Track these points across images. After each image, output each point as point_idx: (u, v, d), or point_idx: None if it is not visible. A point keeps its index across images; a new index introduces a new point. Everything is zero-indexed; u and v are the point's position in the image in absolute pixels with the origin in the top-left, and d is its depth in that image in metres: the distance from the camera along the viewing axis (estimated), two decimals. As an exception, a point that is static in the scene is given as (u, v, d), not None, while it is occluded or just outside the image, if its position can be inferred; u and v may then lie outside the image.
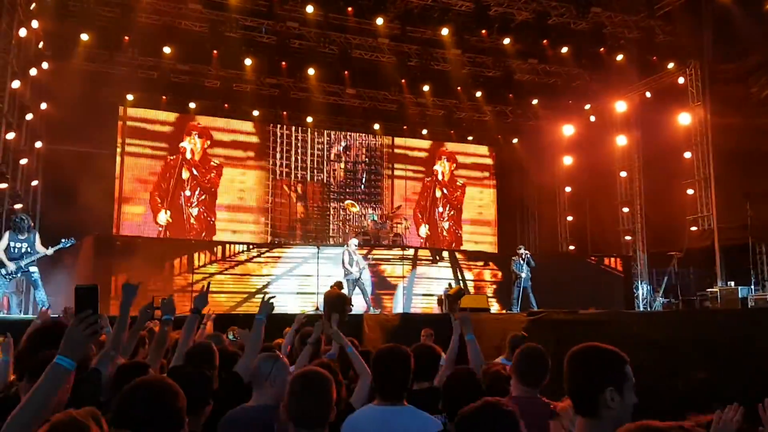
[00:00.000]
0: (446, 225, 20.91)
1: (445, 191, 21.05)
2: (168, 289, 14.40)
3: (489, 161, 21.68)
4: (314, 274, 15.18)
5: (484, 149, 21.61)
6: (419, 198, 20.76)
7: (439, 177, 21.05)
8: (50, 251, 9.67)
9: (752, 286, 13.88)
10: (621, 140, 18.20)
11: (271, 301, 4.06)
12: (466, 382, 3.51)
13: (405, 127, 20.08)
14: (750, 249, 14.41)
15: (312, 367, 2.98)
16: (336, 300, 10.62)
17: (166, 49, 15.03)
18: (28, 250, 9.55)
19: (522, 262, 13.58)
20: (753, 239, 14.33)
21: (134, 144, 17.59)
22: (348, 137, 19.99)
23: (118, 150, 17.25)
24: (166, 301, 4.30)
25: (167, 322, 4.12)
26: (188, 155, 18.15)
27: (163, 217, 17.59)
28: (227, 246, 15.77)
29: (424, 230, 20.49)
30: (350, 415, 3.20)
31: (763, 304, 12.63)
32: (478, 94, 18.25)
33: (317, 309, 13.34)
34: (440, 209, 20.92)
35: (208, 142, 18.43)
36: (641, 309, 16.83)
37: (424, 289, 16.32)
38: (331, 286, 11.42)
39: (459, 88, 18.02)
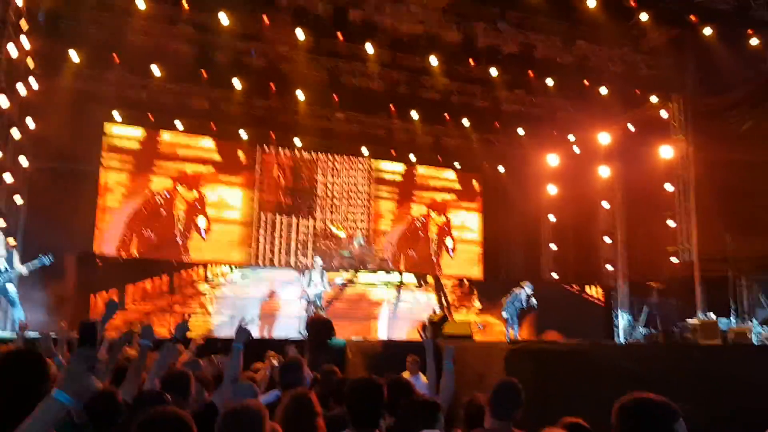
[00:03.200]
0: (431, 250, 20.93)
1: (426, 217, 21.12)
2: (148, 309, 14.30)
3: (476, 188, 21.81)
4: (297, 298, 15.13)
5: (470, 176, 21.75)
6: (402, 225, 20.80)
7: (423, 201, 21.09)
8: (25, 270, 9.57)
9: (732, 318, 14.02)
10: (604, 171, 18.45)
11: (248, 326, 4.02)
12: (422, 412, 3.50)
13: (393, 151, 20.21)
14: (730, 281, 14.58)
15: (244, 403, 2.88)
16: (321, 325, 10.57)
17: (155, 69, 15.08)
18: (6, 268, 9.45)
19: (523, 299, 13.51)
20: (733, 272, 14.51)
21: (119, 163, 17.50)
22: (336, 160, 20.05)
23: (103, 169, 17.15)
24: (146, 327, 4.29)
25: (146, 347, 4.10)
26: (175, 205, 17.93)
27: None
28: (209, 266, 15.69)
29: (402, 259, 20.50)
30: None
31: (742, 336, 12.75)
32: (466, 122, 18.44)
33: (300, 333, 13.29)
34: (425, 235, 20.95)
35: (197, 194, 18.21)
36: (621, 339, 16.92)
37: (409, 314, 16.32)
38: (314, 311, 11.39)
39: (447, 115, 18.21)
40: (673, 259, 15.96)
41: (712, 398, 5.10)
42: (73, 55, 14.09)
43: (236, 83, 15.82)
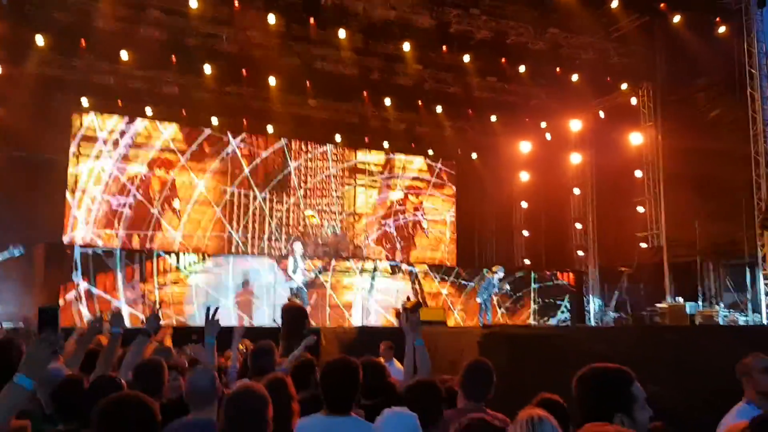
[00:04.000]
0: (401, 235, 20.99)
1: (403, 203, 21.14)
2: (119, 298, 14.13)
3: (449, 176, 21.88)
4: (272, 285, 15.06)
5: (444, 163, 21.81)
6: (377, 209, 20.81)
7: (398, 188, 21.12)
8: None
9: (699, 302, 14.32)
10: (575, 158, 18.66)
11: (216, 318, 3.99)
12: (428, 393, 3.54)
13: (366, 139, 20.16)
14: (698, 266, 14.88)
15: (249, 386, 2.93)
16: (295, 312, 10.54)
17: (124, 55, 14.81)
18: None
19: (495, 283, 13.66)
20: (701, 257, 14.81)
21: (88, 150, 17.19)
22: (309, 147, 19.93)
23: (72, 156, 16.83)
24: (116, 315, 4.24)
25: (116, 335, 4.06)
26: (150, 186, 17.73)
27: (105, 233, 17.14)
28: (182, 255, 15.53)
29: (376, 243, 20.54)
30: (298, 424, 3.22)
31: (709, 320, 13.06)
32: (439, 109, 18.46)
33: (273, 321, 13.25)
34: (400, 221, 20.98)
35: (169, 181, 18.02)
36: (593, 323, 17.20)
37: (383, 301, 16.36)
38: (289, 298, 11.35)
39: (420, 102, 18.21)
40: (643, 245, 16.23)
41: (681, 379, 5.21)
42: (39, 40, 13.76)
43: (207, 69, 15.60)
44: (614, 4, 14.00)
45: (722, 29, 14.11)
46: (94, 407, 2.31)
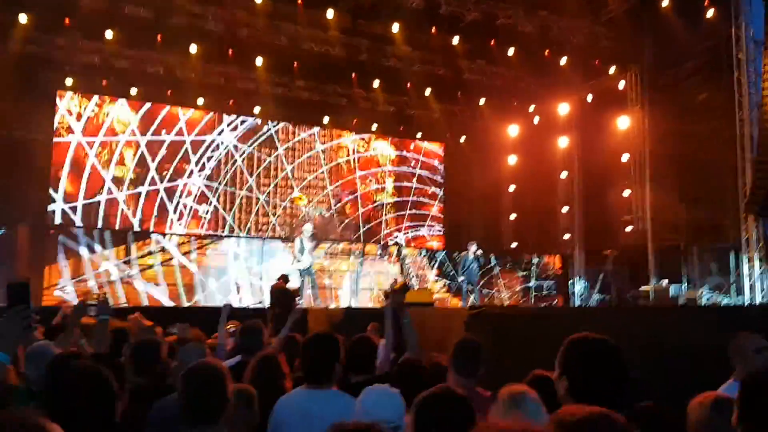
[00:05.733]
0: (391, 215, 21.01)
1: (393, 182, 21.14)
2: (104, 279, 14.07)
3: (438, 158, 21.87)
4: (259, 267, 15.05)
5: (432, 146, 21.80)
6: (365, 191, 20.79)
7: (386, 164, 21.08)
8: None
9: (683, 286, 14.48)
10: (563, 142, 18.70)
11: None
12: (414, 372, 3.57)
13: (355, 121, 20.08)
14: (682, 249, 15.03)
15: (206, 362, 2.92)
16: (282, 294, 10.57)
17: (109, 34, 14.60)
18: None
19: (471, 258, 13.77)
20: (685, 240, 14.95)
21: (71, 129, 17.00)
22: (297, 129, 19.83)
23: (54, 136, 16.63)
24: (103, 301, 4.31)
25: (105, 321, 4.11)
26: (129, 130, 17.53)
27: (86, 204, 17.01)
28: (168, 237, 15.46)
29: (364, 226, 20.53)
30: (280, 398, 3.23)
31: (692, 302, 13.20)
32: (428, 91, 18.40)
33: (260, 303, 13.25)
34: (389, 200, 20.97)
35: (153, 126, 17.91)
36: (577, 305, 17.36)
37: (371, 283, 16.41)
38: (278, 279, 11.35)
39: (409, 84, 18.14)
40: (628, 228, 16.35)
41: (663, 358, 5.27)
42: (22, 18, 13.53)
43: (193, 49, 15.43)
44: (603, -13, 13.97)
45: (710, 13, 14.12)
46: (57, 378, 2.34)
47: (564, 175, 18.94)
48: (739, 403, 2.29)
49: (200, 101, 18.03)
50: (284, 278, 11.42)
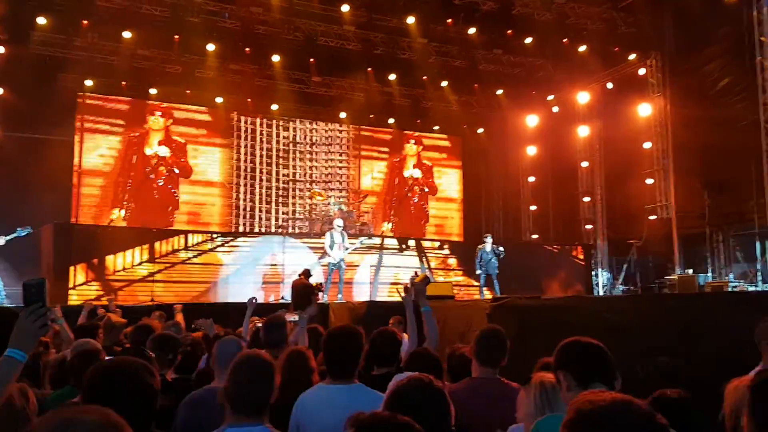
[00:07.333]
0: (413, 209, 21.00)
1: (413, 174, 21.13)
2: (127, 279, 14.20)
3: (456, 151, 21.78)
4: (280, 263, 15.10)
5: (450, 139, 21.71)
6: (386, 185, 20.77)
7: (408, 160, 21.09)
8: (2, 241, 9.45)
9: (709, 274, 14.25)
10: (583, 131, 18.47)
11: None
12: (425, 361, 3.54)
13: (371, 116, 20.04)
14: (707, 237, 14.79)
15: (257, 352, 2.94)
16: (302, 290, 10.60)
17: (126, 34, 14.71)
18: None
19: (488, 251, 13.68)
20: (710, 228, 14.71)
21: (93, 130, 17.19)
22: (314, 125, 19.86)
23: (77, 137, 16.83)
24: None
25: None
26: (153, 131, 17.78)
27: (116, 213, 17.20)
28: (189, 235, 15.55)
29: (388, 226, 20.54)
30: (302, 393, 3.22)
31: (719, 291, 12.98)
32: (444, 83, 18.30)
33: (282, 299, 13.29)
34: (409, 193, 20.96)
35: (171, 121, 18.10)
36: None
37: (391, 277, 16.37)
38: (299, 275, 11.37)
39: (425, 77, 18.06)
40: (652, 217, 16.11)
41: (691, 345, 5.18)
42: (41, 20, 13.69)
43: (210, 47, 15.50)
44: (621, -27, 13.77)
45: (731, -4, 13.85)
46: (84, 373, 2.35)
47: (585, 164, 18.72)
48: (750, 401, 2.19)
49: (219, 100, 18.12)
50: (306, 273, 11.43)
